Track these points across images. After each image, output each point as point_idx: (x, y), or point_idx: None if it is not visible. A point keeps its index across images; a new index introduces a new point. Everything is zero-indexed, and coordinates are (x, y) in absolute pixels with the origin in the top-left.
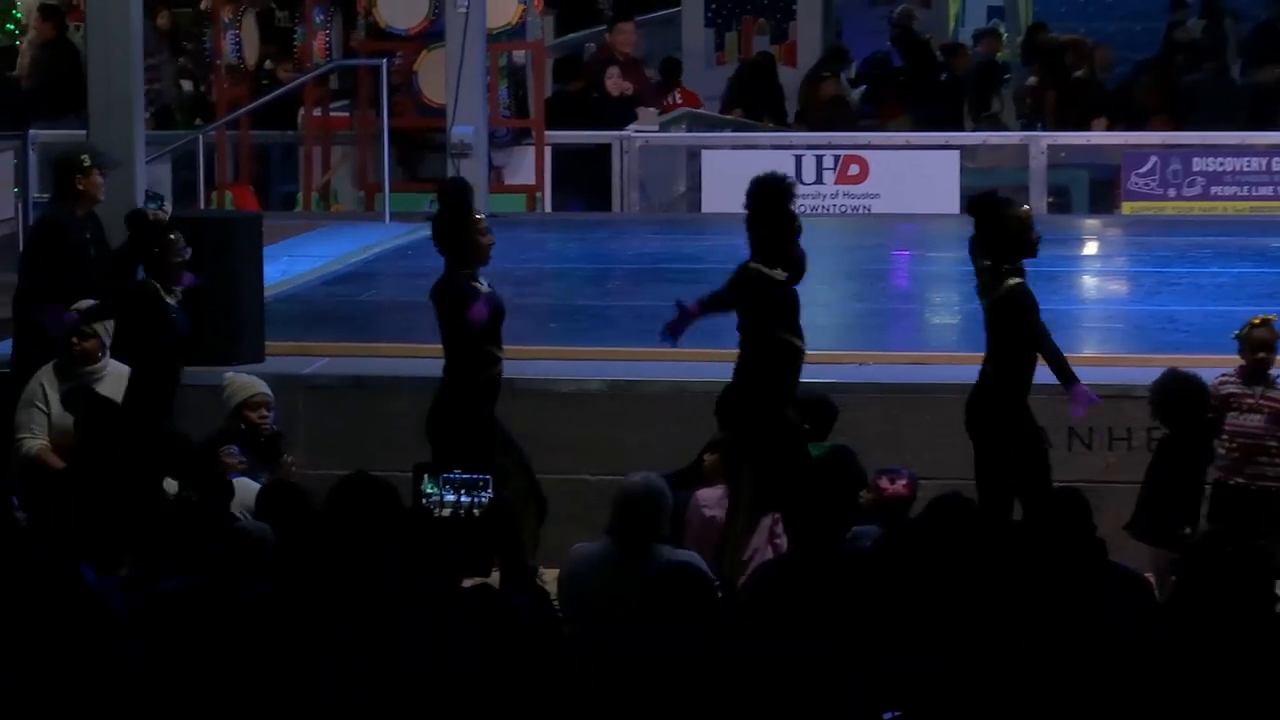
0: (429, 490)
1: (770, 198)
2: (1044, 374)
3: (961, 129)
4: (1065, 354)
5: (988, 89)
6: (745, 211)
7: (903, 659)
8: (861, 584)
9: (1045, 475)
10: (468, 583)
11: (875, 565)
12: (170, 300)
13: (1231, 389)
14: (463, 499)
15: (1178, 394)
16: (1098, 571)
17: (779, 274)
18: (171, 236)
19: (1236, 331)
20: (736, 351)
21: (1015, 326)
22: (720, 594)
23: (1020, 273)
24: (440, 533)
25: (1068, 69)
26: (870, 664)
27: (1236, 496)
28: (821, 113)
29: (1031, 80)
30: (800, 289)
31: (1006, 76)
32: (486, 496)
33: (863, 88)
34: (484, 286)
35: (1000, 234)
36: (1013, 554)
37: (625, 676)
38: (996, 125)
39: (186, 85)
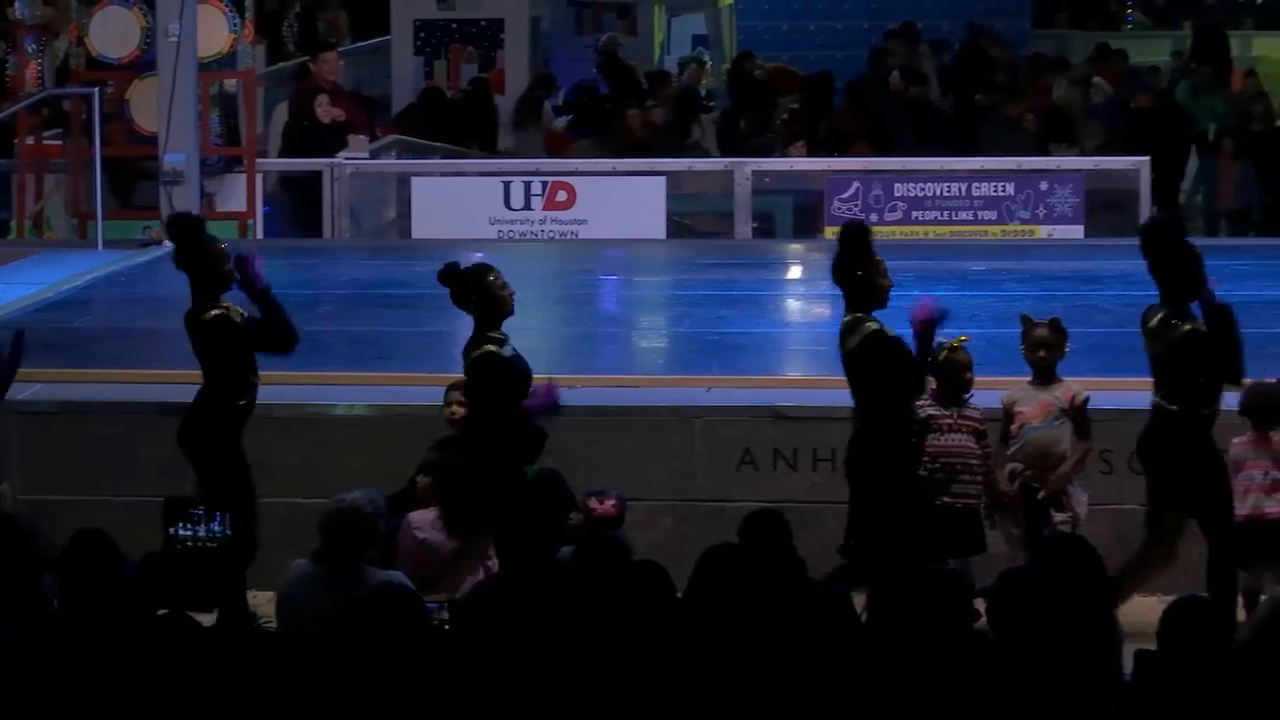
0: (175, 525)
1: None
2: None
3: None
4: (769, 376)
5: (688, 117)
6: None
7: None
8: None
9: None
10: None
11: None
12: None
13: (930, 411)
14: (200, 532)
15: None
16: (799, 590)
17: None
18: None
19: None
20: (457, 376)
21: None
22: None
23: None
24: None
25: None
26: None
27: (942, 516)
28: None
29: (794, 106)
30: (519, 316)
31: (711, 104)
32: (222, 530)
33: (568, 116)
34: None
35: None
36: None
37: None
38: (699, 152)
39: None
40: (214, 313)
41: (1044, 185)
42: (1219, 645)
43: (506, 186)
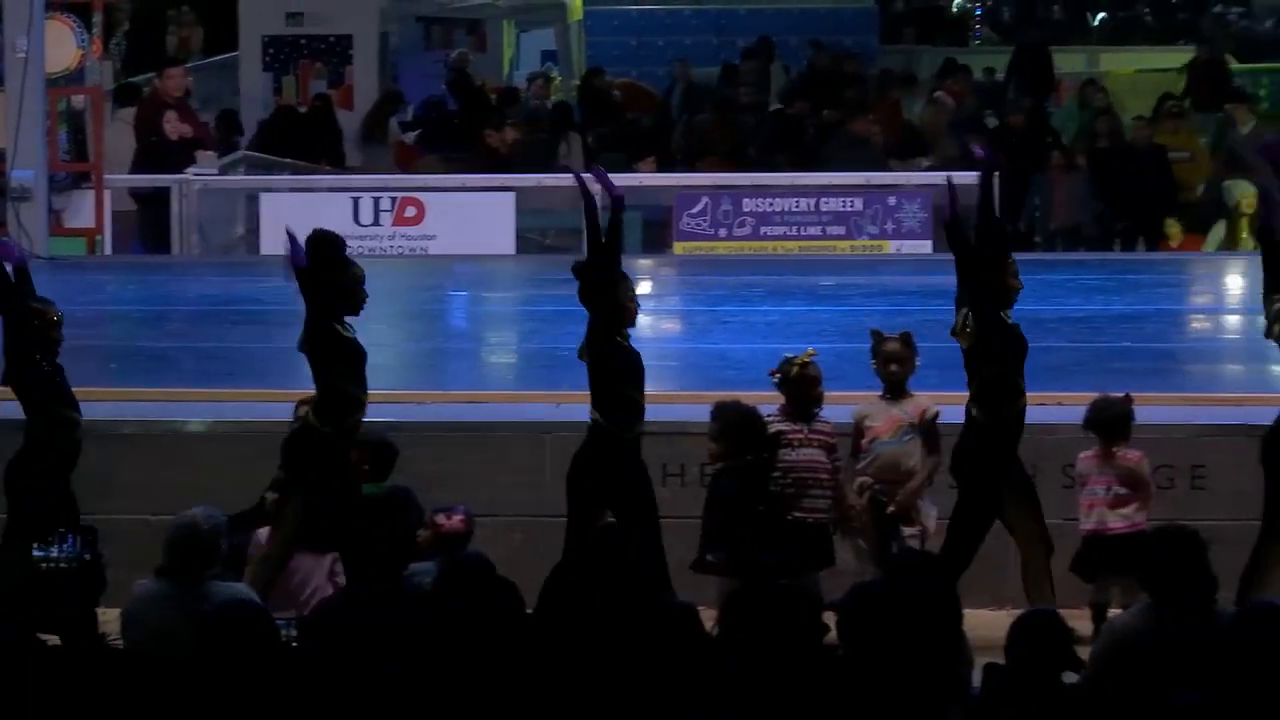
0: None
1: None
2: None
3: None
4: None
5: (558, 134)
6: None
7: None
8: None
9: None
10: None
11: None
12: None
13: (780, 426)
14: (54, 553)
15: (738, 424)
16: (644, 604)
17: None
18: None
19: (774, 370)
20: (306, 392)
21: None
22: None
23: None
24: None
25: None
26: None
27: (796, 532)
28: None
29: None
30: (358, 330)
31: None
32: (77, 551)
33: (417, 131)
34: None
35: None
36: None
37: None
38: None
39: None
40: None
41: (892, 200)
42: (1065, 658)
43: (356, 202)
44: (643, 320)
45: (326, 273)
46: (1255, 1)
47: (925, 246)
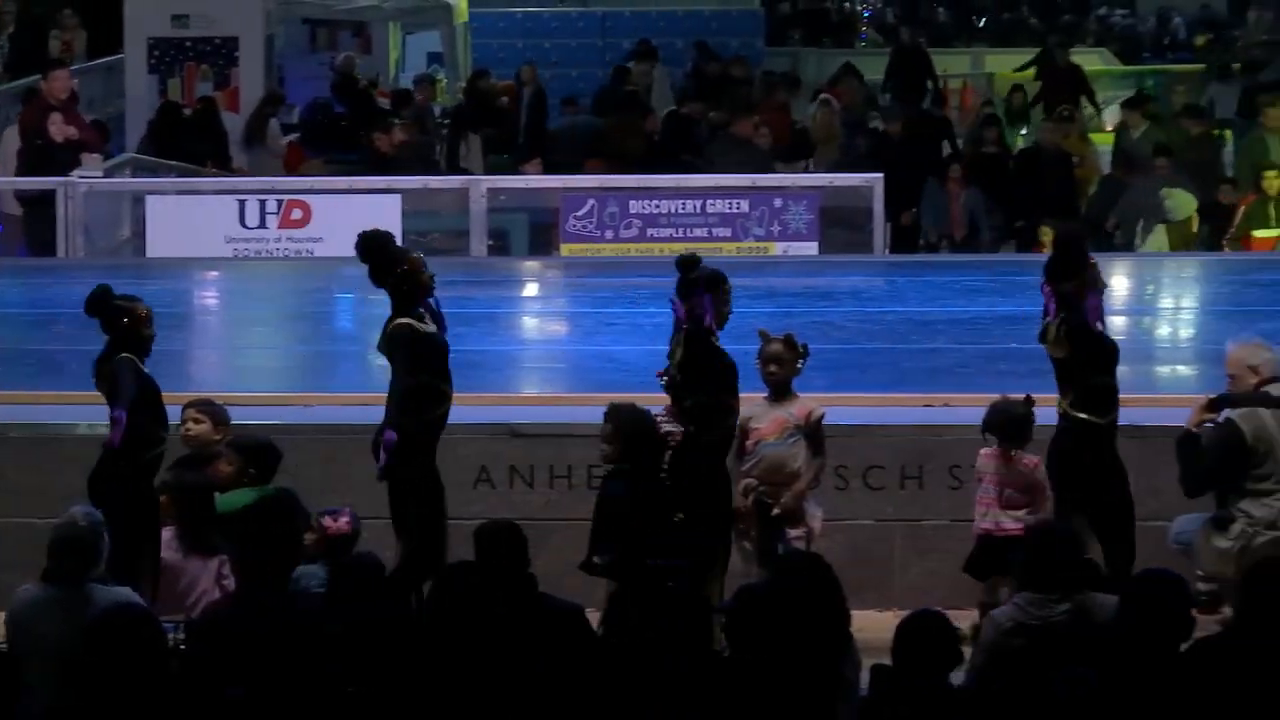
0: None
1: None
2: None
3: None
4: (506, 394)
5: (457, 136)
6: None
7: None
8: None
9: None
10: None
11: None
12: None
13: (668, 428)
14: None
15: (632, 427)
16: (531, 606)
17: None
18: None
19: (661, 371)
20: (193, 395)
21: None
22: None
23: None
24: None
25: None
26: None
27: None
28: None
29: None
30: (244, 333)
31: (445, 122)
32: None
33: (295, 135)
34: None
35: None
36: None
37: None
38: (461, 172)
39: None
40: (402, 322)
41: (779, 202)
42: (951, 658)
43: (242, 205)
44: (529, 322)
45: (389, 268)
46: (1139, 2)
47: (811, 248)
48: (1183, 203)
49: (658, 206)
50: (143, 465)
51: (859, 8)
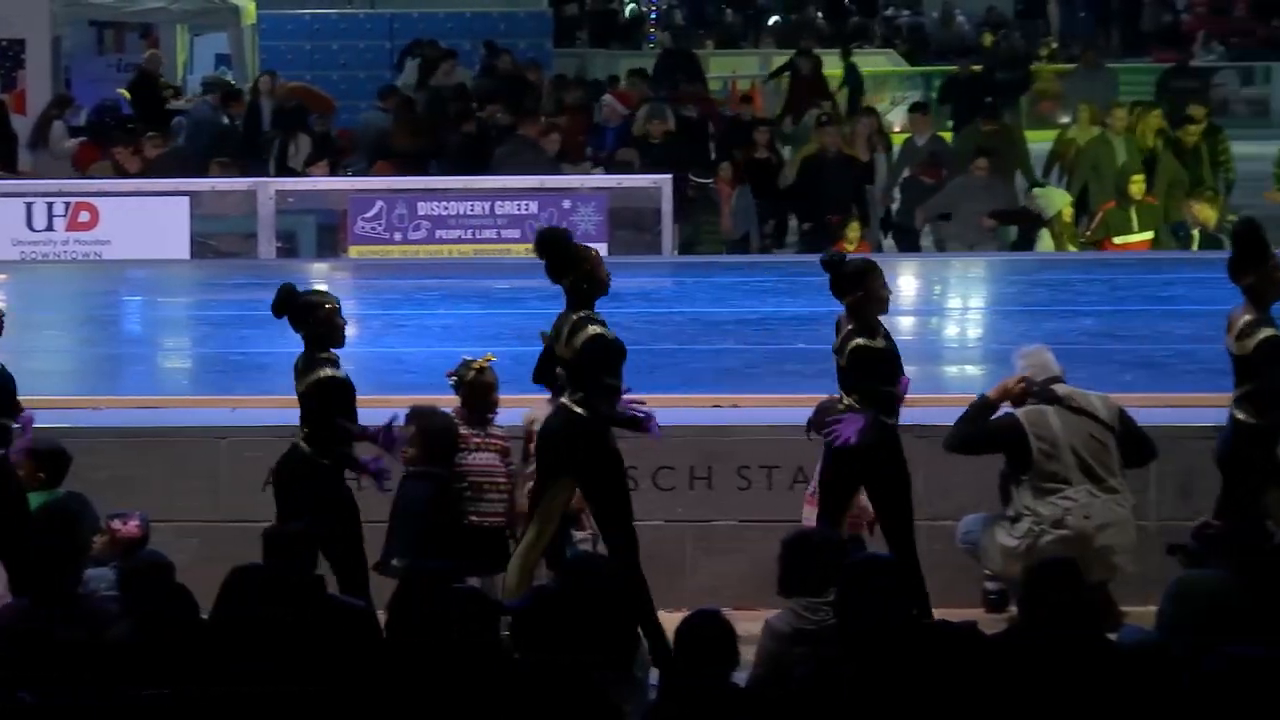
0: None
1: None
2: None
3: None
4: (294, 397)
5: (288, 135)
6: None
7: None
8: None
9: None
10: None
11: None
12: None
13: (464, 430)
14: None
15: (435, 430)
16: (317, 608)
17: None
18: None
19: (451, 372)
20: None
21: None
22: None
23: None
24: None
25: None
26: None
27: (472, 536)
28: None
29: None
30: (33, 336)
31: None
32: None
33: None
34: None
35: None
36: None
37: None
38: (289, 173)
39: None
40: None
41: (567, 204)
42: (729, 658)
43: (29, 207)
44: None
45: (568, 266)
46: (925, 3)
47: (600, 250)
48: (1054, 199)
49: (446, 208)
50: None
51: (646, 9)
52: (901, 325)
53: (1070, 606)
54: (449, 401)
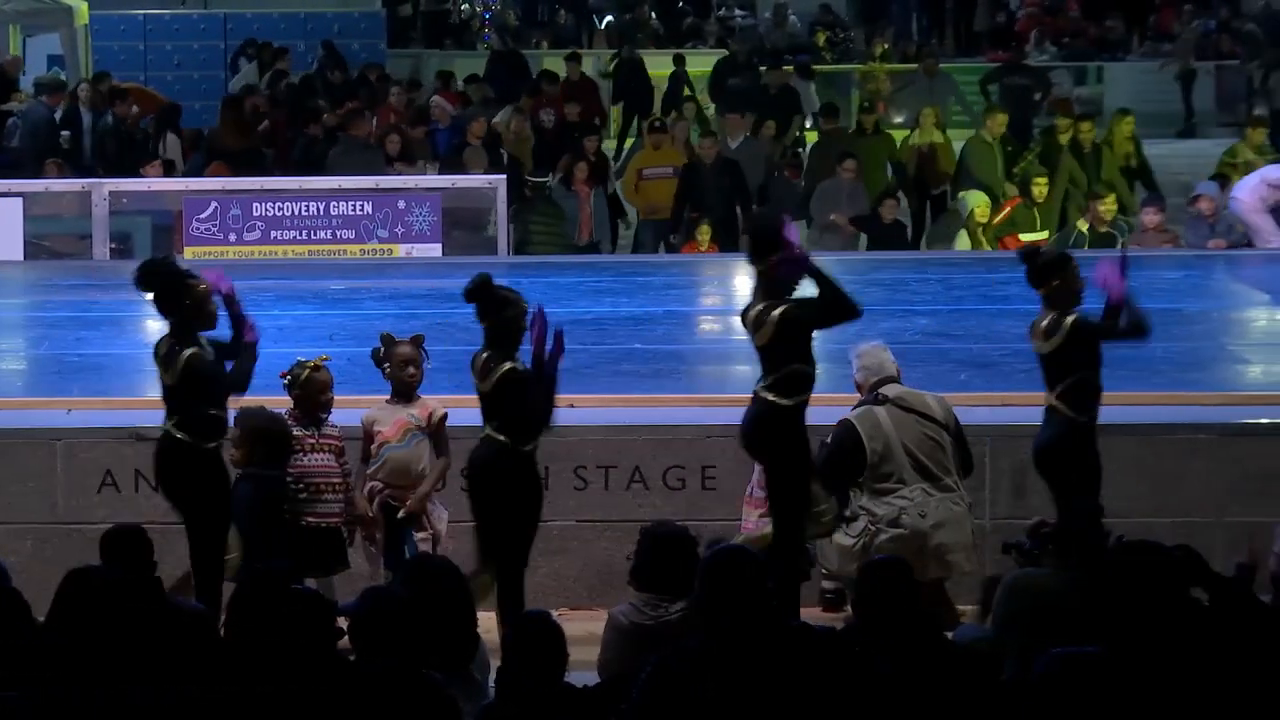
0: None
1: None
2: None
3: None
4: (130, 398)
5: (161, 133)
6: None
7: None
8: None
9: None
10: None
11: None
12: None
13: (297, 431)
14: None
15: (260, 430)
16: (154, 610)
17: None
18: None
19: (284, 373)
20: None
21: None
22: None
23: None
24: None
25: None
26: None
27: (309, 537)
28: None
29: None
30: None
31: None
32: None
33: None
34: None
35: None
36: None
37: None
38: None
39: None
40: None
41: (402, 204)
42: (558, 659)
43: None
44: (153, 325)
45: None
46: (759, 3)
47: (435, 250)
48: (970, 199)
49: (281, 209)
50: None
51: (478, 9)
52: (738, 326)
53: (902, 605)
54: (284, 403)
